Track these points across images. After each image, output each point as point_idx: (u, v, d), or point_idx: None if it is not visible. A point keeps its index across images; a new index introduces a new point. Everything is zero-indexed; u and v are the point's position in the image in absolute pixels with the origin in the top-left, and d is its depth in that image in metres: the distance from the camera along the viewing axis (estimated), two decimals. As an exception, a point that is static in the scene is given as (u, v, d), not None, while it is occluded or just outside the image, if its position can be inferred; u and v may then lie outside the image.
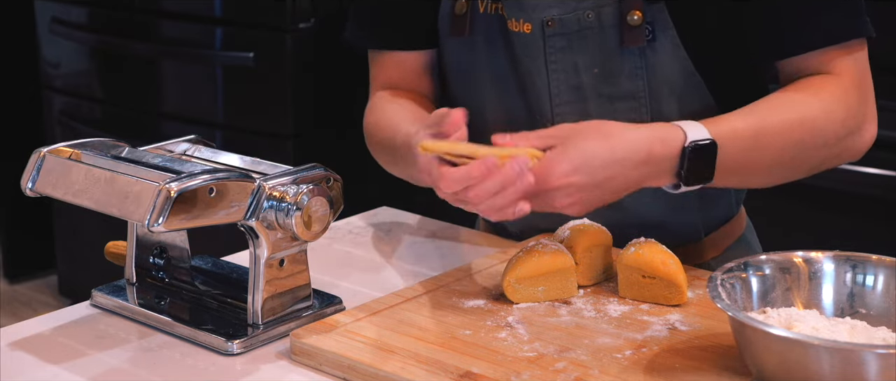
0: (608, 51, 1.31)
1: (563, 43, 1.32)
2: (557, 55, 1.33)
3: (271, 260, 1.18)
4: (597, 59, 1.31)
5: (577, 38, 1.31)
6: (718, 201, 1.43)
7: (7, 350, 1.16)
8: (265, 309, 1.18)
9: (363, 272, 1.38)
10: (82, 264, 3.31)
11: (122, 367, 1.13)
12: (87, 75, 3.22)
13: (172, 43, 2.93)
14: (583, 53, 1.32)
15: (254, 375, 1.12)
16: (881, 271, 1.10)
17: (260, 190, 1.15)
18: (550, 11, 1.31)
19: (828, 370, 0.95)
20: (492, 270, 1.31)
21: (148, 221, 1.08)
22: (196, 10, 2.87)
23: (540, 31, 1.32)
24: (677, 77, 1.30)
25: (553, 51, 1.32)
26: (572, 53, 1.32)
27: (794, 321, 1.04)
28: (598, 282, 1.27)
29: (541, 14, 1.32)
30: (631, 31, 1.29)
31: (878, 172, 2.21)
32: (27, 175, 1.20)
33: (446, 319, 1.17)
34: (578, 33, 1.31)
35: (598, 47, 1.31)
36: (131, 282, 1.29)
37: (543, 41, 1.32)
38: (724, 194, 1.43)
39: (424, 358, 1.08)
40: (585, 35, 1.31)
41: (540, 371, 1.06)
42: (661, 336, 1.13)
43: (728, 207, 1.45)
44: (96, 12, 3.11)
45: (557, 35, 1.32)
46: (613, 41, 1.30)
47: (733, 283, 1.08)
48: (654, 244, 1.23)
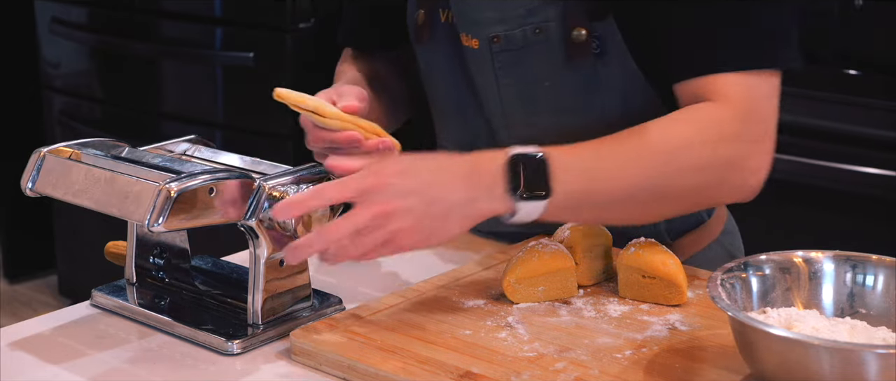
0: (557, 66, 1.29)
1: (511, 58, 1.31)
2: (506, 70, 1.32)
3: (271, 260, 1.18)
4: (546, 74, 1.31)
5: (525, 54, 1.30)
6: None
7: (7, 350, 1.16)
8: (265, 309, 1.18)
9: (363, 272, 1.38)
10: (82, 264, 3.31)
11: (122, 367, 1.13)
12: (87, 75, 3.22)
13: (172, 43, 2.93)
14: (532, 68, 1.31)
15: (254, 375, 1.12)
16: (881, 271, 1.09)
17: (260, 190, 1.15)
18: (496, 28, 1.30)
19: (828, 370, 0.95)
20: (492, 270, 1.31)
21: (148, 221, 1.08)
22: (196, 10, 2.87)
23: (487, 47, 1.31)
24: (630, 91, 1.29)
25: (501, 66, 1.32)
26: (521, 68, 1.31)
27: (794, 320, 1.04)
28: (598, 282, 1.27)
29: (486, 31, 1.31)
30: (576, 47, 1.27)
31: (878, 172, 2.21)
32: (27, 175, 1.20)
33: (446, 319, 1.17)
34: (525, 49, 1.30)
35: (546, 62, 1.30)
36: (131, 282, 1.29)
37: (491, 56, 1.32)
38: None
39: (424, 358, 1.08)
40: (533, 50, 1.30)
41: (540, 371, 1.06)
42: (661, 336, 1.13)
43: (695, 215, 1.43)
44: (96, 12, 3.11)
45: (504, 51, 1.31)
46: (561, 57, 1.29)
47: (733, 283, 1.08)
48: (654, 244, 1.23)
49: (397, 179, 1.11)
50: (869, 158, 2.22)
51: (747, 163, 1.20)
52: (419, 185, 1.11)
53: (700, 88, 1.21)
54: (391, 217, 1.10)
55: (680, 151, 1.18)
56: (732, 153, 1.19)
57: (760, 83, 1.21)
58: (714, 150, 1.19)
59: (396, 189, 1.10)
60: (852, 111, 2.25)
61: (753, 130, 1.21)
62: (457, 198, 1.12)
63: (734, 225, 1.52)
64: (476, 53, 1.33)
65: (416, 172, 1.12)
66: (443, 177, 1.13)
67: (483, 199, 1.13)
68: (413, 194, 1.10)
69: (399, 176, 1.11)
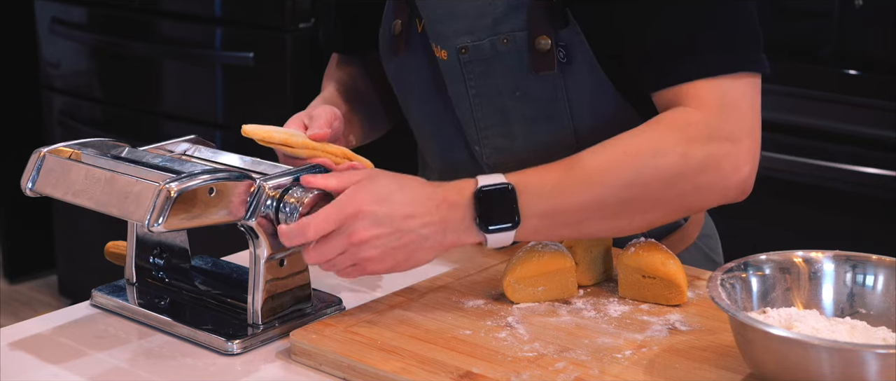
0: (525, 75, 1.29)
1: (481, 68, 1.31)
2: (477, 80, 1.32)
3: (271, 260, 1.18)
4: (516, 83, 1.31)
5: (494, 63, 1.30)
6: None
7: (7, 350, 1.16)
8: (265, 309, 1.18)
9: (363, 272, 1.38)
10: (82, 264, 3.31)
11: (122, 367, 1.13)
12: (87, 75, 3.22)
13: (172, 43, 2.93)
14: (501, 78, 1.31)
15: (254, 375, 1.12)
16: (881, 271, 1.09)
17: (260, 190, 1.15)
18: (463, 39, 1.30)
19: (828, 370, 0.95)
20: (492, 270, 1.31)
21: (148, 221, 1.08)
22: (196, 10, 2.87)
23: (456, 58, 1.32)
24: (600, 99, 1.29)
25: (472, 76, 1.32)
26: (492, 78, 1.31)
27: (794, 321, 1.04)
28: (598, 282, 1.27)
29: (454, 42, 1.31)
30: (540, 57, 1.28)
31: (878, 172, 2.21)
32: (27, 175, 1.20)
33: (446, 319, 1.17)
34: (494, 59, 1.30)
35: (515, 72, 1.30)
36: (131, 282, 1.29)
37: (460, 67, 1.32)
38: None
39: (424, 358, 1.08)
40: (501, 60, 1.30)
41: (540, 371, 1.06)
42: (661, 336, 1.13)
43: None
44: (96, 12, 3.11)
45: (474, 61, 1.31)
46: (527, 66, 1.29)
47: (733, 283, 1.08)
48: (654, 244, 1.23)
49: (374, 207, 1.14)
50: (869, 158, 2.22)
51: (723, 163, 1.19)
52: (393, 215, 1.15)
53: (674, 95, 1.22)
54: (362, 246, 1.15)
55: (650, 158, 1.18)
56: (705, 155, 1.19)
57: (735, 84, 1.21)
58: (685, 153, 1.18)
59: (373, 218, 1.14)
60: (852, 111, 2.25)
61: (727, 130, 1.20)
62: (428, 231, 1.16)
63: (713, 229, 1.52)
64: (446, 64, 1.33)
65: (391, 202, 1.15)
66: (416, 209, 1.16)
67: (454, 231, 1.17)
68: (387, 224, 1.15)
69: (375, 204, 1.14)
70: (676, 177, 1.19)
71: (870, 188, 2.23)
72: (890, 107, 2.19)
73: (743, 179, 1.21)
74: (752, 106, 1.23)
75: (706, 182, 1.20)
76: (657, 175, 1.18)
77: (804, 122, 2.30)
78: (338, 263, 1.16)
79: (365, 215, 1.14)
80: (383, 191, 1.16)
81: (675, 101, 1.22)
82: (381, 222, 1.14)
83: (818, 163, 2.27)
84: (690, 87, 1.21)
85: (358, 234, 1.14)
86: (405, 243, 1.15)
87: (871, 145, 2.22)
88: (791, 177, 2.31)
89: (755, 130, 1.23)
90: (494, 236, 1.17)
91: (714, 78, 1.20)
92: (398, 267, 1.17)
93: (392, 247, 1.15)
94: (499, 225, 1.16)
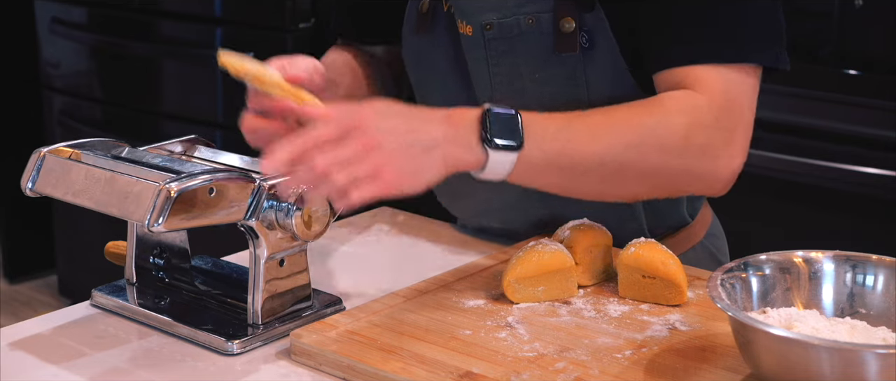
0: (546, 56, 1.31)
1: (504, 47, 1.32)
2: (499, 58, 1.33)
3: (271, 260, 1.18)
4: (537, 64, 1.32)
5: (518, 43, 1.31)
6: (665, 207, 1.41)
7: (7, 350, 1.16)
8: (265, 309, 1.18)
9: (363, 272, 1.38)
10: (82, 264, 3.31)
11: (122, 367, 1.13)
12: (87, 75, 3.22)
13: (172, 43, 2.93)
14: (523, 57, 1.32)
15: (254, 375, 1.12)
16: (881, 271, 1.09)
17: (260, 190, 1.15)
18: (489, 16, 1.31)
19: (828, 370, 0.95)
20: (492, 270, 1.31)
21: (148, 221, 1.08)
22: (196, 10, 2.87)
23: (480, 35, 1.33)
24: (618, 88, 1.30)
25: (494, 54, 1.33)
26: (513, 57, 1.32)
27: (794, 320, 1.04)
28: (598, 282, 1.27)
29: (480, 18, 1.32)
30: (564, 38, 1.28)
31: (878, 172, 2.21)
32: (27, 175, 1.20)
33: (446, 319, 1.17)
34: (518, 38, 1.31)
35: (537, 52, 1.31)
36: (131, 282, 1.29)
37: (484, 44, 1.33)
38: (671, 200, 1.41)
39: (424, 358, 1.08)
40: (525, 40, 1.31)
41: (540, 371, 1.06)
42: (661, 336, 1.13)
43: (677, 213, 1.43)
44: (96, 12, 3.11)
45: (498, 39, 1.32)
46: (550, 48, 1.30)
47: (733, 283, 1.08)
48: (654, 244, 1.23)
49: (377, 118, 1.11)
50: (869, 158, 2.22)
51: (719, 153, 1.21)
52: (398, 123, 1.12)
53: (679, 77, 1.22)
54: (376, 150, 1.09)
55: (654, 128, 1.19)
56: (706, 140, 1.20)
57: (739, 79, 1.22)
58: (688, 133, 1.19)
59: (378, 127, 1.11)
60: (852, 111, 2.25)
61: (729, 123, 1.21)
62: (435, 139, 1.13)
63: (720, 229, 1.52)
64: (470, 40, 1.34)
65: (394, 113, 1.13)
66: (420, 118, 1.15)
67: (459, 143, 1.14)
68: (394, 131, 1.11)
69: (378, 116, 1.12)
70: (675, 154, 1.20)
71: (870, 188, 2.23)
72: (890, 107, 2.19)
73: (733, 172, 1.23)
74: (751, 102, 1.24)
75: (700, 167, 1.21)
76: (657, 146, 1.19)
77: (804, 122, 2.30)
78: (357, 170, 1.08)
79: (369, 124, 1.10)
80: (381, 106, 1.13)
81: (679, 84, 1.23)
82: (387, 130, 1.11)
83: (818, 163, 2.27)
84: (695, 71, 1.22)
85: (366, 139, 1.09)
86: (416, 149, 1.11)
87: (871, 145, 2.22)
88: (791, 177, 2.31)
89: (750, 128, 1.24)
90: (496, 155, 1.14)
91: (720, 66, 1.21)
92: (413, 179, 1.12)
93: (406, 151, 1.11)
94: (504, 143, 1.14)
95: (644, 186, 1.24)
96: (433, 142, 1.13)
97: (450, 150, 1.14)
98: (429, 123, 1.14)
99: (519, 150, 1.15)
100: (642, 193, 1.25)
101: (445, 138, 1.13)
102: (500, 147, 1.14)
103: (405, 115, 1.14)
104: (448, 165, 1.14)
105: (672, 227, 1.43)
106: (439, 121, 1.14)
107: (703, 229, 1.47)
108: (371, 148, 1.09)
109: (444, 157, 1.13)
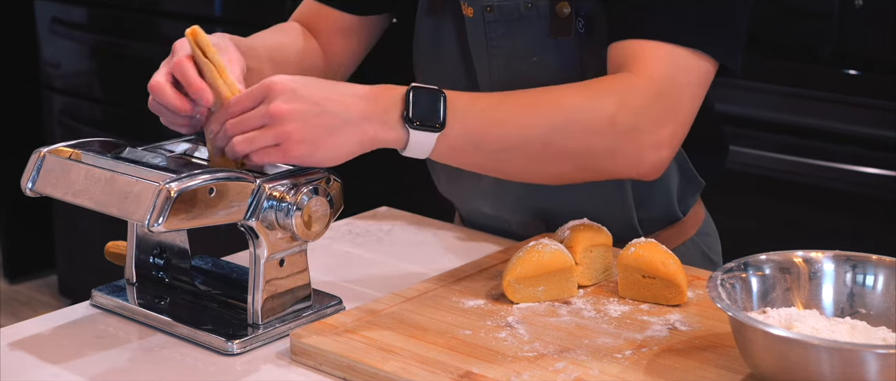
0: (543, 41, 1.32)
1: (504, 29, 1.34)
2: (498, 41, 1.35)
3: (271, 260, 1.18)
4: (534, 49, 1.33)
5: (516, 26, 1.33)
6: (656, 201, 1.42)
7: (7, 350, 1.16)
8: (265, 309, 1.18)
9: (363, 272, 1.38)
10: (82, 264, 3.32)
11: (122, 367, 1.13)
12: (87, 75, 3.22)
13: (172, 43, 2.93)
14: (521, 41, 1.34)
15: (254, 375, 1.12)
16: (881, 271, 1.09)
17: (260, 190, 1.15)
18: None
19: (828, 370, 0.95)
20: (492, 270, 1.31)
21: (148, 221, 1.08)
22: (196, 10, 2.87)
23: (481, 17, 1.35)
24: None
25: (494, 36, 1.35)
26: (512, 40, 1.34)
27: (794, 320, 1.04)
28: (598, 282, 1.27)
29: (481, 0, 1.34)
30: (559, 22, 1.30)
31: (878, 172, 2.21)
32: (27, 175, 1.20)
33: (446, 319, 1.17)
34: (517, 21, 1.33)
35: (535, 37, 1.33)
36: (131, 282, 1.29)
37: (484, 26, 1.35)
38: (662, 194, 1.42)
39: (424, 358, 1.08)
40: (523, 24, 1.33)
41: (540, 371, 1.06)
42: (661, 336, 1.13)
43: (668, 208, 1.44)
44: (96, 12, 3.11)
45: (497, 21, 1.34)
46: (547, 32, 1.32)
47: (733, 283, 1.08)
48: (654, 244, 1.23)
49: (296, 85, 1.14)
50: (869, 158, 2.22)
51: (646, 137, 1.21)
52: (315, 94, 1.14)
53: (628, 53, 1.23)
54: (283, 119, 1.13)
55: (582, 109, 1.20)
56: (633, 123, 1.20)
57: (690, 66, 1.22)
58: (614, 114, 1.19)
59: (294, 93, 1.14)
60: (852, 111, 2.25)
61: (661, 108, 1.21)
62: (350, 114, 1.15)
63: (713, 228, 1.53)
64: (472, 22, 1.36)
65: (315, 85, 1.16)
66: (339, 92, 1.16)
67: (376, 122, 1.16)
68: (308, 100, 1.14)
69: (297, 83, 1.14)
70: (598, 135, 1.20)
71: (870, 188, 2.23)
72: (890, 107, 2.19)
73: (658, 161, 1.23)
74: (695, 95, 1.24)
75: (624, 149, 1.21)
76: (582, 127, 1.20)
77: (804, 122, 2.30)
78: (257, 139, 1.14)
79: (285, 90, 1.14)
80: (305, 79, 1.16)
81: (627, 60, 1.22)
82: (300, 97, 1.14)
83: (818, 163, 2.27)
84: (646, 47, 1.22)
85: (277, 106, 1.13)
86: (325, 123, 1.14)
87: (871, 145, 2.22)
88: (791, 177, 2.31)
89: (687, 121, 1.24)
90: (416, 134, 1.16)
91: (672, 47, 1.21)
92: (318, 151, 1.15)
93: (313, 124, 1.13)
94: (425, 122, 1.16)
95: (568, 166, 1.24)
96: (347, 116, 1.15)
97: (368, 127, 1.16)
98: (346, 97, 1.16)
99: (440, 130, 1.16)
100: (568, 173, 1.25)
101: (363, 115, 1.15)
102: (420, 126, 1.16)
103: (322, 87, 1.16)
104: (365, 141, 1.16)
105: (662, 221, 1.43)
106: (360, 97, 1.16)
107: (694, 226, 1.47)
108: (276, 121, 1.13)
109: (360, 133, 1.15)
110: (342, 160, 1.17)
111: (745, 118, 2.31)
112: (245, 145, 1.15)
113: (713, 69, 1.25)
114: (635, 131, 1.20)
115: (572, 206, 1.39)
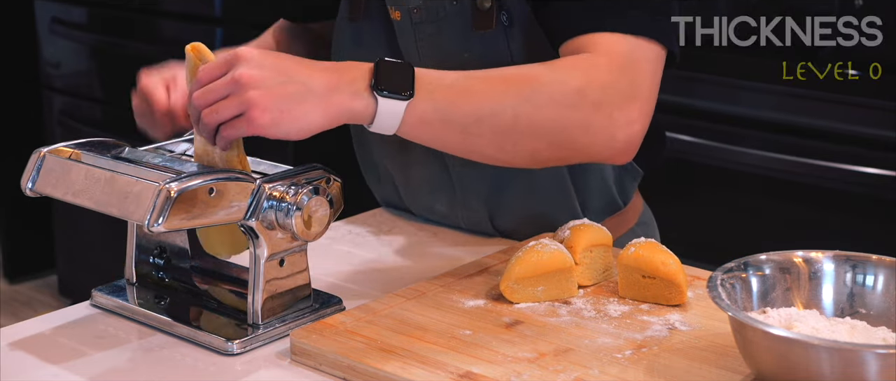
0: (470, 35, 1.33)
1: (432, 29, 1.35)
2: (427, 41, 1.36)
3: (271, 260, 1.18)
4: (462, 44, 1.34)
5: (444, 24, 1.34)
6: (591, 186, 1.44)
7: (7, 350, 1.16)
8: (265, 309, 1.18)
9: (363, 272, 1.38)
10: (82, 264, 3.31)
11: (122, 367, 1.13)
12: (87, 75, 3.22)
13: (172, 43, 2.93)
14: (448, 38, 1.35)
15: (254, 375, 1.12)
16: (881, 271, 1.09)
17: (260, 190, 1.15)
18: (416, 0, 1.35)
19: (828, 370, 0.95)
20: (492, 270, 1.31)
21: (148, 221, 1.08)
22: (196, 10, 2.87)
23: (408, 19, 1.36)
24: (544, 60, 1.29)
25: (422, 37, 1.36)
26: (441, 38, 1.35)
27: (794, 320, 1.04)
28: (597, 282, 1.27)
29: (407, 3, 1.35)
30: (480, 16, 1.31)
31: (878, 172, 2.21)
32: (27, 175, 1.20)
33: (446, 319, 1.17)
34: (444, 19, 1.34)
35: (461, 32, 1.34)
36: (131, 282, 1.29)
37: (412, 28, 1.36)
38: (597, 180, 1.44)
39: (424, 358, 1.08)
40: (450, 21, 1.34)
41: (540, 371, 1.06)
42: (661, 336, 1.13)
43: (606, 195, 1.46)
44: (96, 12, 3.11)
45: (424, 22, 1.35)
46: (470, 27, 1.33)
47: (733, 283, 1.08)
48: (654, 244, 1.23)
49: (260, 56, 1.14)
50: (869, 158, 2.22)
51: (615, 112, 1.21)
52: (281, 63, 1.14)
53: (581, 44, 1.24)
54: (247, 85, 1.12)
55: (550, 83, 1.20)
56: (601, 97, 1.21)
57: (644, 50, 1.24)
58: (582, 87, 1.20)
59: (258, 62, 1.13)
60: (852, 111, 2.25)
61: (626, 82, 1.22)
62: (315, 83, 1.14)
63: (651, 217, 1.56)
64: (400, 25, 1.37)
65: (284, 56, 1.16)
66: (306, 65, 1.16)
67: (344, 91, 1.15)
68: (274, 69, 1.13)
69: (253, 60, 1.14)
70: (569, 107, 1.20)
71: (870, 188, 2.23)
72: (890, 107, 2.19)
73: (632, 136, 1.23)
74: (653, 74, 1.25)
75: (596, 124, 1.21)
76: (551, 100, 1.20)
77: (804, 122, 2.30)
78: (222, 109, 1.13)
79: (251, 58, 1.13)
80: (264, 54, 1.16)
81: (581, 49, 1.24)
82: (266, 65, 1.13)
83: (818, 163, 2.27)
84: (599, 37, 1.23)
85: (242, 72, 1.12)
86: (290, 92, 1.13)
87: (871, 145, 2.22)
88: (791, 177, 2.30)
89: (651, 96, 1.25)
90: (385, 103, 1.15)
91: (623, 35, 1.23)
92: (283, 121, 1.13)
93: (278, 92, 1.12)
94: (394, 90, 1.15)
95: (542, 143, 1.23)
96: (313, 85, 1.14)
97: (335, 97, 1.14)
98: (311, 69, 1.15)
99: (409, 98, 1.16)
100: (542, 151, 1.24)
101: (329, 86, 1.14)
102: (388, 95, 1.15)
103: (289, 59, 1.16)
104: (331, 112, 1.14)
105: (604, 210, 1.46)
106: (327, 69, 1.16)
107: (635, 215, 1.51)
108: (240, 88, 1.12)
109: (325, 104, 1.14)
110: (308, 133, 1.14)
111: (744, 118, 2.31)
112: (211, 117, 1.13)
113: (663, 54, 1.27)
114: (605, 105, 1.21)
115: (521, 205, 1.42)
